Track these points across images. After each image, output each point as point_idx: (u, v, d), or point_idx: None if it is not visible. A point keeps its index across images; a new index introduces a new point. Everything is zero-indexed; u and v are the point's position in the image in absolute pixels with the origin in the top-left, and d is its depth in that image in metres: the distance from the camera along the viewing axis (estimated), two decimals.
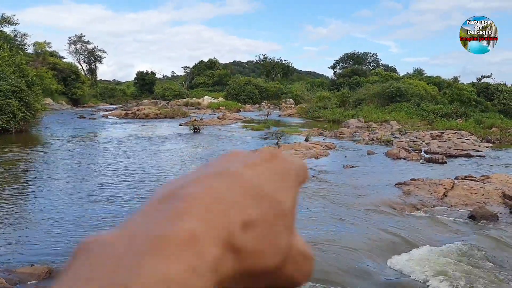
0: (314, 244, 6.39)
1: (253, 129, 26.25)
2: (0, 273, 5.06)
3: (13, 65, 23.05)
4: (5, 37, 33.62)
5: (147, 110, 37.91)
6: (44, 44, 53.22)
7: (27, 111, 21.55)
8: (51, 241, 6.42)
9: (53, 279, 4.92)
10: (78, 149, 17.01)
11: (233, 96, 60.38)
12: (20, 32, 46.10)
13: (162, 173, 11.87)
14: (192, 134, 23.11)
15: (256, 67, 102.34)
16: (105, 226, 7.12)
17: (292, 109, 47.51)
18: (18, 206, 8.45)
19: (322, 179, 11.19)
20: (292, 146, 16.51)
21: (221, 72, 78.23)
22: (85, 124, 29.33)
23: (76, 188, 9.95)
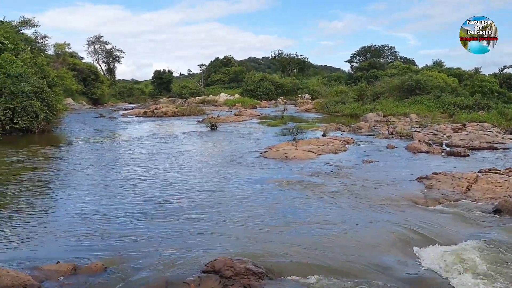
0: (337, 239, 6.36)
1: (270, 125, 26.22)
2: (27, 270, 5.17)
3: (34, 67, 23.48)
4: (27, 39, 34.24)
5: (165, 108, 38.25)
6: (64, 45, 54.14)
7: (49, 112, 21.96)
8: (75, 238, 6.54)
9: (78, 276, 5.02)
10: (100, 148, 17.28)
11: (249, 92, 60.39)
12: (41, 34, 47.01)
13: (182, 171, 11.96)
14: (209, 131, 23.23)
15: (271, 63, 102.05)
16: (128, 223, 7.22)
17: (309, 104, 47.27)
18: (42, 203, 8.64)
19: (342, 174, 11.11)
20: (310, 142, 16.42)
21: (236, 69, 78.31)
22: (105, 123, 29.77)
23: (99, 186, 10.11)
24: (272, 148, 15.14)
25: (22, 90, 20.33)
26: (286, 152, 14.04)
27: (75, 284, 4.90)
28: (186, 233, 6.70)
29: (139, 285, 4.87)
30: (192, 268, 5.30)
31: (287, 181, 10.28)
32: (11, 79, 20.47)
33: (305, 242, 6.25)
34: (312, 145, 15.54)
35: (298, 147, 15.17)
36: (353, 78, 55.46)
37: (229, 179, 10.68)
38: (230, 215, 7.62)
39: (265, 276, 5.08)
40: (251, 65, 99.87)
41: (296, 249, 6.00)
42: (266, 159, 13.60)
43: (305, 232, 6.69)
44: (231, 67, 79.84)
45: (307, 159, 13.40)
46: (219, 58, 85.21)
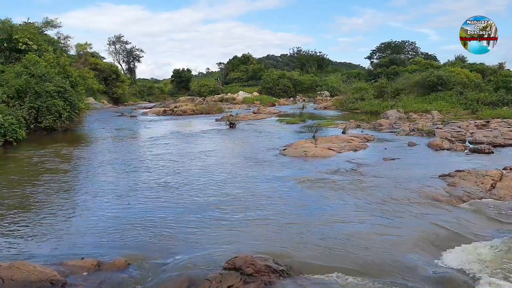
0: (358, 238, 6.30)
1: (289, 123, 26.14)
2: (53, 266, 5.30)
3: (57, 67, 23.98)
4: (50, 40, 34.92)
5: (184, 106, 38.55)
6: (85, 46, 55.07)
7: (72, 111, 22.42)
8: (98, 235, 6.67)
9: (102, 272, 5.12)
10: (121, 147, 17.55)
11: (268, 90, 60.31)
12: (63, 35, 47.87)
13: (202, 169, 12.05)
14: (228, 129, 23.31)
15: (290, 60, 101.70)
16: (150, 221, 7.32)
17: (328, 101, 46.92)
18: (67, 202, 8.83)
19: (362, 172, 10.99)
20: (329, 139, 16.30)
21: (255, 67, 78.31)
22: (126, 122, 30.20)
23: (121, 185, 10.28)
24: (291, 146, 15.09)
25: (45, 90, 20.80)
26: (305, 150, 13.98)
27: (99, 279, 4.99)
28: (206, 230, 6.75)
29: (162, 282, 4.93)
30: (213, 265, 5.34)
31: (306, 179, 10.24)
32: (35, 79, 20.96)
33: (325, 241, 6.22)
34: (332, 143, 15.43)
35: (317, 144, 15.08)
36: (373, 74, 54.79)
37: (248, 177, 10.71)
38: (250, 213, 7.64)
39: (285, 274, 5.08)
40: (270, 63, 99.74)
41: (316, 247, 5.98)
42: (285, 157, 13.57)
43: (325, 231, 6.66)
44: (249, 65, 79.89)
45: (326, 157, 13.32)
46: (237, 56, 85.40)
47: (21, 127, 17.81)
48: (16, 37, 26.67)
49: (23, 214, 7.80)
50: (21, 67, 22.27)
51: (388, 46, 76.11)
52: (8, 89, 19.85)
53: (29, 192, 9.48)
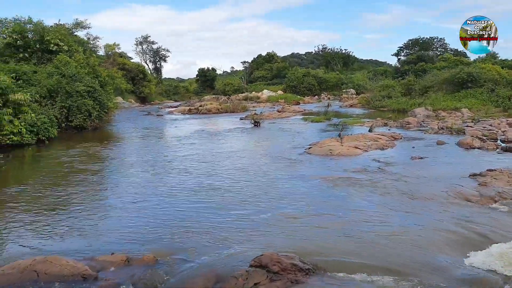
0: (385, 237, 6.23)
1: (314, 121, 26.00)
2: (84, 261, 5.46)
3: (87, 67, 24.60)
4: (79, 41, 35.89)
5: (209, 105, 38.89)
6: (113, 46, 56.23)
7: (101, 110, 22.95)
8: (127, 231, 6.82)
9: (131, 267, 5.23)
10: (149, 144, 17.88)
11: (292, 88, 60.10)
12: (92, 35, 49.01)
13: (227, 167, 12.14)
14: (252, 128, 23.37)
15: (315, 58, 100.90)
16: (177, 218, 7.44)
17: (354, 99, 46.38)
18: (97, 197, 9.08)
19: (389, 171, 10.83)
20: (356, 138, 16.13)
21: (279, 65, 78.10)
22: (153, 120, 30.71)
23: (149, 181, 10.48)
24: (317, 144, 15.01)
25: (76, 89, 21.37)
26: (331, 148, 13.88)
27: (129, 274, 5.11)
28: (232, 228, 6.80)
29: (190, 277, 5.01)
30: (239, 262, 5.38)
31: (332, 177, 10.18)
32: (66, 79, 21.56)
33: (352, 239, 6.17)
34: (358, 141, 15.26)
35: (343, 143, 14.94)
36: (400, 72, 53.71)
37: (273, 176, 10.72)
38: (276, 211, 7.65)
39: (312, 272, 5.08)
40: (294, 61, 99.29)
41: (343, 246, 5.94)
42: (310, 156, 13.50)
43: (352, 229, 6.60)
44: (274, 63, 79.75)
45: (353, 155, 13.18)
46: (262, 54, 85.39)
47: (53, 126, 18.37)
48: (47, 39, 27.51)
49: (56, 211, 8.06)
50: (53, 67, 22.94)
51: (416, 42, 74.36)
52: (40, 89, 20.48)
53: (60, 189, 9.78)
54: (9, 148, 15.17)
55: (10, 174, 12.07)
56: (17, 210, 8.06)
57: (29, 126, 16.50)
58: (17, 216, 7.71)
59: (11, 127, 15.25)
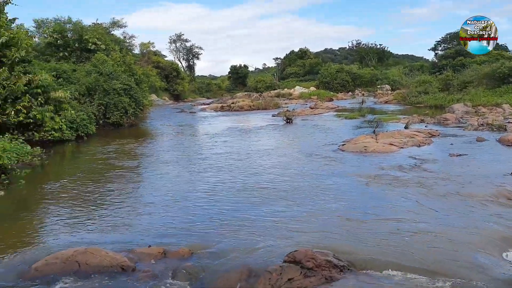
0: (422, 235, 6.08)
1: (347, 118, 25.62)
2: (123, 253, 5.62)
3: (123, 65, 25.26)
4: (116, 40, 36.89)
5: (241, 102, 39.06)
6: (148, 44, 57.45)
7: (137, 107, 23.52)
8: (164, 225, 6.97)
9: (168, 259, 5.34)
10: (183, 142, 18.17)
11: (325, 84, 59.43)
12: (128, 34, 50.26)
13: (260, 163, 12.17)
14: (285, 124, 23.30)
15: (348, 53, 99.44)
16: (212, 213, 7.53)
17: (389, 95, 45.37)
18: (134, 193, 9.33)
19: (427, 168, 10.54)
20: (391, 134, 15.78)
21: (312, 61, 77.42)
22: (186, 117, 31.17)
23: (185, 178, 10.66)
24: (351, 141, 14.79)
25: (113, 87, 21.98)
26: (365, 145, 13.64)
27: (165, 266, 5.23)
28: (266, 223, 6.82)
29: (224, 271, 5.07)
30: (273, 257, 5.39)
31: (367, 175, 10.01)
32: (103, 77, 22.21)
33: (388, 237, 6.06)
34: (394, 138, 14.93)
35: (378, 140, 14.66)
36: (438, 66, 52.01)
37: (307, 172, 10.66)
38: (309, 208, 7.61)
39: (346, 269, 5.02)
40: (327, 57, 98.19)
41: (378, 244, 5.83)
42: (344, 153, 13.33)
43: (387, 227, 6.48)
44: (306, 59, 79.11)
45: (388, 152, 12.91)
46: (294, 51, 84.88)
47: (91, 122, 18.99)
48: (86, 38, 28.44)
49: (95, 205, 8.34)
50: (91, 66, 23.69)
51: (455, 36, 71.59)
52: (79, 87, 21.20)
53: (99, 185, 10.11)
54: (51, 144, 15.78)
55: (52, 169, 12.56)
56: (59, 204, 8.39)
57: (69, 123, 17.12)
58: (58, 209, 8.03)
59: (53, 124, 15.85)
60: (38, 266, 5.14)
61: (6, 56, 14.95)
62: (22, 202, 9.02)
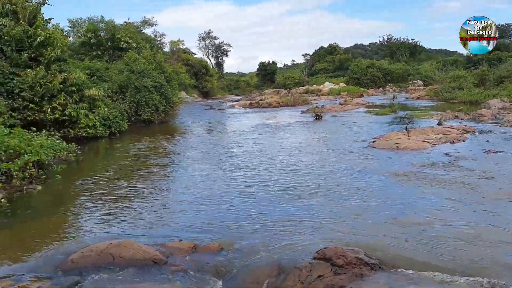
0: (456, 235, 5.91)
1: (378, 114, 25.18)
2: (155, 246, 5.73)
3: (154, 63, 25.73)
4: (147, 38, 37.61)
5: (269, 99, 39.04)
6: (178, 42, 58.31)
7: (167, 104, 23.93)
8: (194, 220, 7.06)
9: (198, 254, 5.41)
10: (212, 138, 18.34)
11: (355, 80, 58.67)
12: (159, 32, 51.20)
13: (290, 160, 12.14)
14: (314, 121, 23.13)
15: (379, 48, 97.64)
16: (241, 208, 7.58)
17: (421, 91, 44.32)
18: (165, 189, 9.49)
19: (461, 166, 10.23)
20: (423, 131, 15.40)
21: (342, 57, 76.52)
22: (215, 114, 31.44)
23: (213, 173, 10.75)
24: (382, 138, 14.53)
25: (144, 85, 22.43)
26: (397, 142, 13.37)
27: (196, 261, 5.29)
28: (296, 220, 6.80)
29: (253, 267, 5.09)
30: (302, 254, 5.37)
31: (398, 172, 9.81)
32: (135, 75, 22.69)
33: (420, 236, 5.92)
34: (426, 135, 14.56)
35: (410, 136, 14.33)
36: (473, 61, 50.33)
37: (337, 169, 10.54)
38: (340, 205, 7.54)
39: (378, 268, 4.94)
40: (358, 52, 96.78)
41: (410, 242, 5.71)
42: (375, 149, 13.11)
43: (420, 226, 6.33)
44: (336, 55, 78.27)
45: (420, 149, 12.61)
46: (323, 46, 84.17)
47: (124, 119, 19.45)
48: (118, 36, 29.10)
49: (128, 200, 8.54)
50: (123, 64, 24.24)
51: None
52: (112, 85, 21.74)
53: (131, 180, 10.34)
54: (85, 140, 16.27)
55: (86, 165, 12.94)
56: (93, 199, 8.64)
57: (103, 120, 17.60)
58: (92, 204, 8.28)
59: (87, 121, 16.34)
60: (74, 258, 5.31)
61: (43, 55, 15.50)
62: (58, 196, 9.34)
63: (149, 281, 4.77)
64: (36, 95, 14.64)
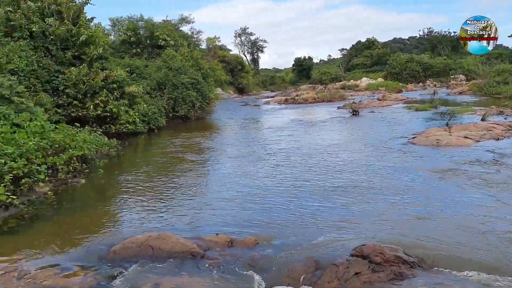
0: (500, 234, 5.67)
1: (418, 110, 24.47)
2: (192, 240, 5.84)
3: (191, 60, 26.12)
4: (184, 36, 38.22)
5: (305, 95, 38.76)
6: (214, 39, 58.91)
7: (203, 101, 24.25)
8: (231, 215, 7.15)
9: (234, 248, 5.47)
10: (248, 135, 18.44)
11: (394, 75, 57.27)
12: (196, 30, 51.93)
13: (327, 156, 12.02)
14: (351, 117, 22.78)
15: (419, 42, 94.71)
16: (277, 204, 7.59)
17: (463, 86, 42.68)
18: (202, 184, 9.65)
19: (507, 163, 9.79)
20: (466, 127, 14.84)
21: (380, 51, 74.79)
22: (250, 111, 31.56)
23: (249, 169, 10.82)
24: (422, 134, 14.13)
25: (181, 82, 22.82)
26: (438, 138, 12.96)
27: (232, 254, 5.36)
28: (333, 217, 6.74)
29: (289, 262, 5.09)
30: (340, 251, 5.32)
31: (439, 169, 9.51)
32: (172, 72, 23.11)
33: (463, 235, 5.73)
34: (469, 131, 14.03)
35: (451, 132, 13.86)
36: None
37: (375, 166, 10.35)
38: (378, 202, 7.41)
39: (417, 266, 4.82)
40: (396, 47, 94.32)
41: (452, 241, 5.54)
42: (414, 146, 12.76)
43: (462, 225, 6.12)
44: (374, 49, 76.55)
45: (463, 146, 12.16)
46: (361, 41, 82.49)
47: (162, 116, 19.90)
48: (156, 34, 29.74)
49: (165, 194, 8.74)
50: (161, 61, 24.75)
51: None
52: (150, 82, 22.26)
53: (169, 175, 10.58)
54: (125, 136, 16.76)
55: (126, 160, 13.34)
56: (133, 193, 8.91)
57: (142, 116, 18.08)
58: (132, 197, 8.53)
59: (127, 117, 16.83)
60: (116, 249, 5.50)
61: (86, 54, 16.08)
62: (101, 190, 9.70)
63: (187, 273, 4.87)
64: (79, 92, 15.22)
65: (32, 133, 9.28)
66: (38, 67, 14.53)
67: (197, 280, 4.71)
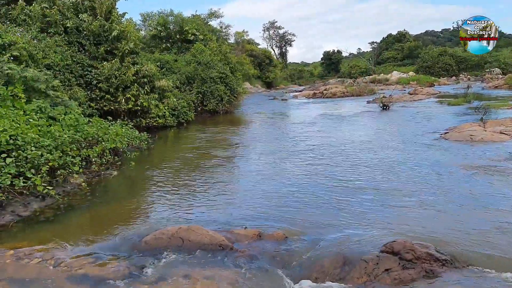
0: None
1: (450, 104, 23.81)
2: (221, 232, 5.91)
3: (219, 54, 26.29)
4: (213, 30, 38.44)
5: (334, 89, 38.35)
6: (242, 33, 59.02)
7: (231, 95, 24.38)
8: (259, 209, 7.17)
9: (262, 241, 5.50)
10: (276, 129, 18.42)
11: (425, 69, 55.89)
12: (224, 24, 52.08)
13: (356, 151, 11.89)
14: (380, 111, 22.39)
15: (452, 35, 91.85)
16: (306, 199, 7.57)
17: (499, 79, 41.19)
18: (231, 178, 9.73)
19: None
20: (502, 122, 14.32)
21: (411, 45, 73.02)
22: (278, 105, 31.49)
23: (277, 164, 10.83)
24: (454, 129, 13.74)
25: (210, 76, 23.00)
26: (471, 134, 12.57)
27: (261, 248, 5.39)
28: (363, 213, 6.67)
29: (318, 257, 5.07)
30: (369, 246, 5.26)
31: (473, 165, 9.24)
32: (201, 67, 23.33)
33: (497, 233, 5.57)
34: (505, 126, 13.53)
35: (486, 128, 13.41)
36: None
37: (407, 162, 10.14)
38: (409, 198, 7.28)
39: (449, 264, 4.72)
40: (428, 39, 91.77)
41: (486, 239, 5.39)
42: (447, 141, 12.43)
43: (497, 222, 5.94)
44: (405, 42, 74.81)
45: (498, 142, 11.75)
46: (392, 34, 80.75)
47: (191, 109, 20.14)
48: (186, 29, 30.02)
49: (195, 187, 8.87)
50: (190, 56, 25.01)
51: None
52: (180, 76, 22.54)
53: (198, 169, 10.73)
54: (155, 129, 17.08)
55: (156, 153, 13.59)
56: (163, 185, 9.07)
57: (171, 110, 18.35)
58: (163, 190, 8.69)
59: (157, 111, 17.13)
60: (147, 240, 5.64)
61: (118, 48, 16.42)
62: (132, 182, 9.93)
63: (216, 265, 4.94)
64: (112, 86, 15.58)
65: (67, 126, 9.59)
66: (72, 62, 14.95)
67: (225, 271, 4.77)
